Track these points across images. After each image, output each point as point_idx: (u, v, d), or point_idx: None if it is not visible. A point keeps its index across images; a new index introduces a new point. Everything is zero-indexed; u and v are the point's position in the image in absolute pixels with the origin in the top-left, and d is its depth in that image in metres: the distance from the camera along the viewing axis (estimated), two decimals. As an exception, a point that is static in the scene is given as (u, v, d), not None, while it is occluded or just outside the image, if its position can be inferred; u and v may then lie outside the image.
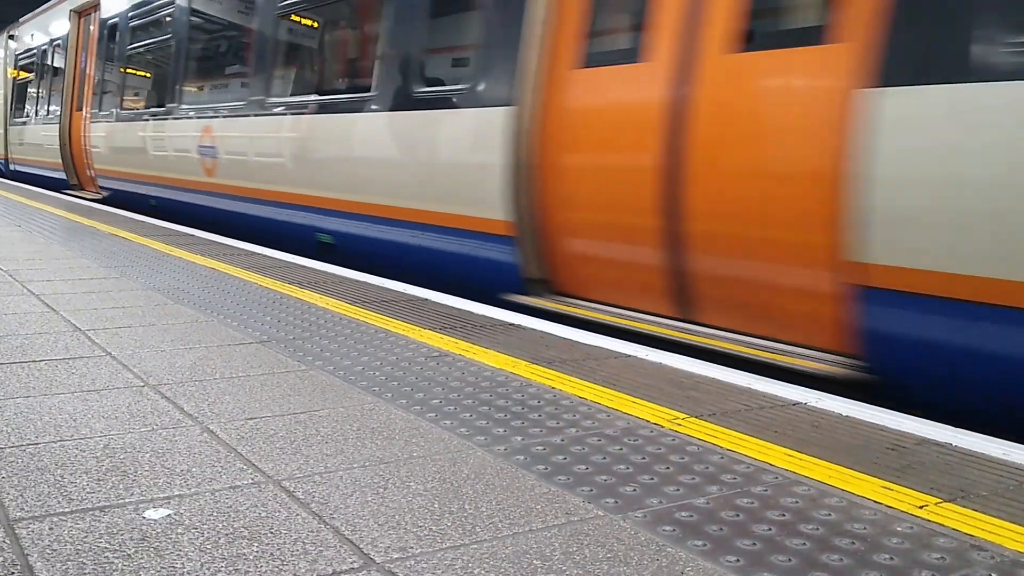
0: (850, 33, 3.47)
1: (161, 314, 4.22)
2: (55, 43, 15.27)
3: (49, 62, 15.61)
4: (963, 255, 3.06)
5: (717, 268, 4.00)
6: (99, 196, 12.41)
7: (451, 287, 5.23)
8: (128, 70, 11.45)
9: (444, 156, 5.47)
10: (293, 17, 7.61)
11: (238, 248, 6.97)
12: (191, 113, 9.36)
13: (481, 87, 5.11)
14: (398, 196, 5.82)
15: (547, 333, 3.98)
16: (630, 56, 4.42)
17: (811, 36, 3.70)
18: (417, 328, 4.01)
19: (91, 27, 13.29)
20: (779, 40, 3.99)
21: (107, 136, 11.89)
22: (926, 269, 3.17)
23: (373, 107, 6.13)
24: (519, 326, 4.11)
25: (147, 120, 10.52)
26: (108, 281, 5.16)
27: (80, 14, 13.92)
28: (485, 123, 5.01)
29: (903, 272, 3.24)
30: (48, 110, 15.36)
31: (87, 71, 13.29)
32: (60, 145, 14.15)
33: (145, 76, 11.38)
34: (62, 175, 14.23)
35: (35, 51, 16.72)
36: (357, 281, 5.37)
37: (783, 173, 3.70)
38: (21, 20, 18.13)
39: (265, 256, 6.50)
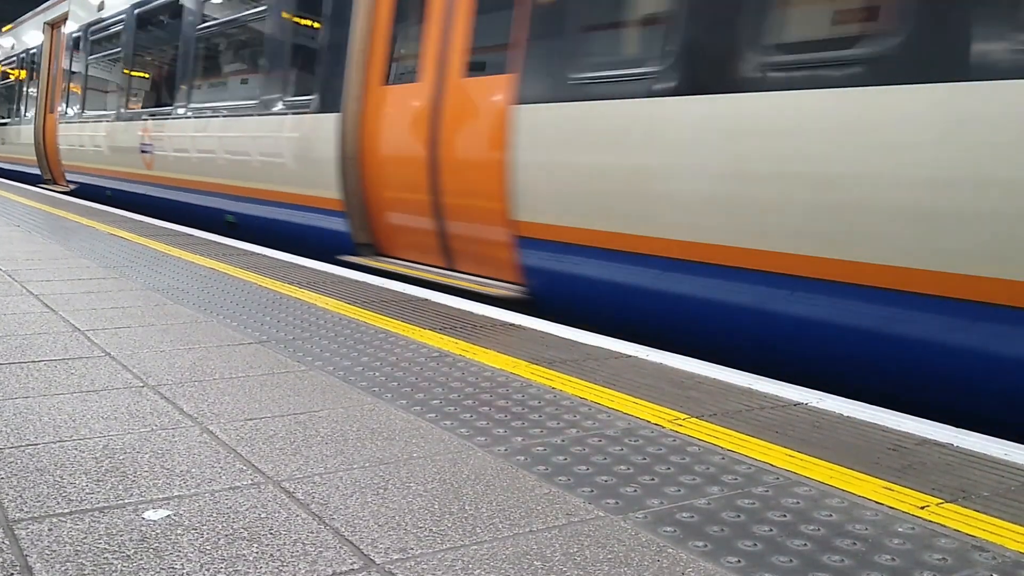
0: (511, 67, 5.12)
1: (160, 314, 4.22)
2: (31, 51, 17.12)
3: (27, 68, 17.56)
4: (568, 213, 4.71)
5: (456, 230, 5.72)
6: (67, 189, 14.17)
7: (312, 252, 6.92)
8: (88, 78, 13.54)
9: (299, 150, 7.24)
10: (202, 42, 9.65)
11: (237, 248, 6.97)
12: (133, 116, 11.19)
13: (322, 98, 6.91)
14: (274, 182, 7.62)
15: (547, 333, 3.97)
16: (411, 77, 6.16)
17: (497, 68, 5.41)
18: (417, 328, 4.01)
19: (60, 39, 15.00)
20: (482, 70, 5.66)
21: (72, 136, 13.63)
22: (549, 224, 4.83)
23: (256, 112, 8.01)
24: (519, 326, 4.11)
25: (102, 122, 12.32)
26: (107, 281, 5.15)
27: (52, 26, 15.73)
28: (324, 125, 6.78)
29: (536, 226, 4.92)
30: (26, 112, 17.30)
31: (58, 77, 15.18)
32: (35, 144, 15.95)
33: (101, 83, 12.98)
34: (37, 171, 16.04)
35: (14, 58, 18.71)
36: (357, 281, 5.37)
37: (481, 161, 5.37)
38: (3, 29, 19.39)
39: (264, 256, 6.49)
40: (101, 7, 12.65)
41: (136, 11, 11.29)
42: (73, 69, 13.90)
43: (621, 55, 4.84)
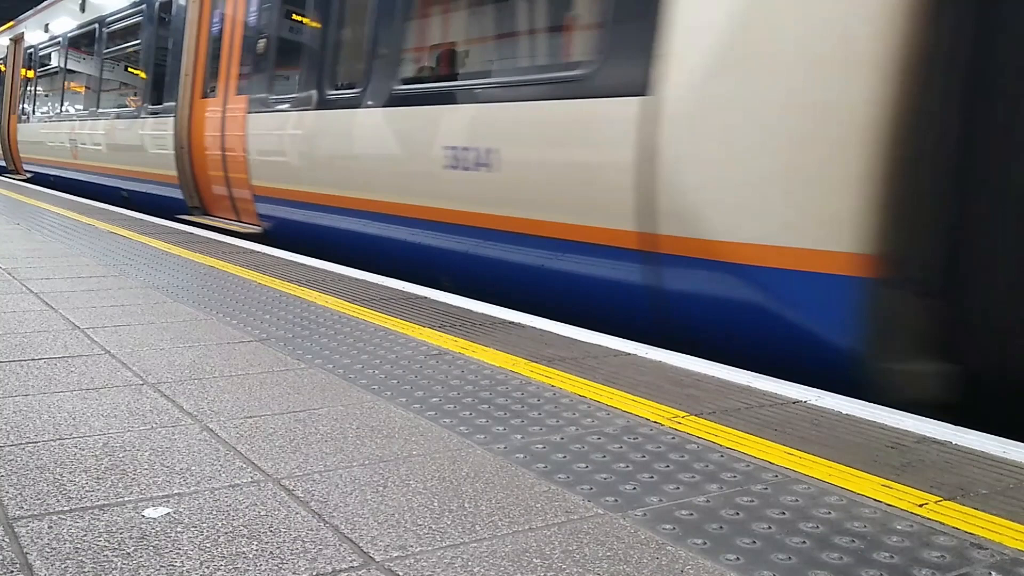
0: (247, 90, 8.44)
1: (160, 312, 4.22)
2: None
3: None
4: (274, 179, 7.70)
5: (237, 195, 8.55)
6: (25, 177, 17.72)
7: (166, 213, 9.85)
8: (39, 85, 17.93)
9: (155, 144, 10.46)
10: (106, 62, 13.51)
11: (237, 246, 6.97)
12: (65, 117, 15.22)
13: (165, 103, 10.26)
14: (148, 166, 10.78)
15: (546, 331, 3.98)
16: (213, 94, 9.18)
17: (245, 90, 8.55)
18: (416, 326, 4.01)
19: (19, 53, 18.46)
20: (239, 91, 8.60)
21: (28, 134, 17.61)
22: (265, 185, 7.88)
23: (134, 114, 11.42)
24: (519, 324, 4.11)
25: (45, 121, 16.50)
26: (107, 279, 5.15)
27: (15, 41, 19.36)
28: (166, 125, 9.98)
29: (260, 187, 7.96)
30: None
31: (17, 85, 19.41)
32: (0, 141, 19.23)
33: (47, 89, 17.13)
34: (2, 163, 19.90)
35: None
36: (356, 279, 5.37)
37: (240, 149, 8.22)
38: None
39: (264, 254, 6.49)
40: (46, 30, 16.69)
41: (68, 36, 15.33)
42: (28, 78, 17.85)
43: (286, 88, 7.84)
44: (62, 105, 15.48)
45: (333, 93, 6.84)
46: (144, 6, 11.63)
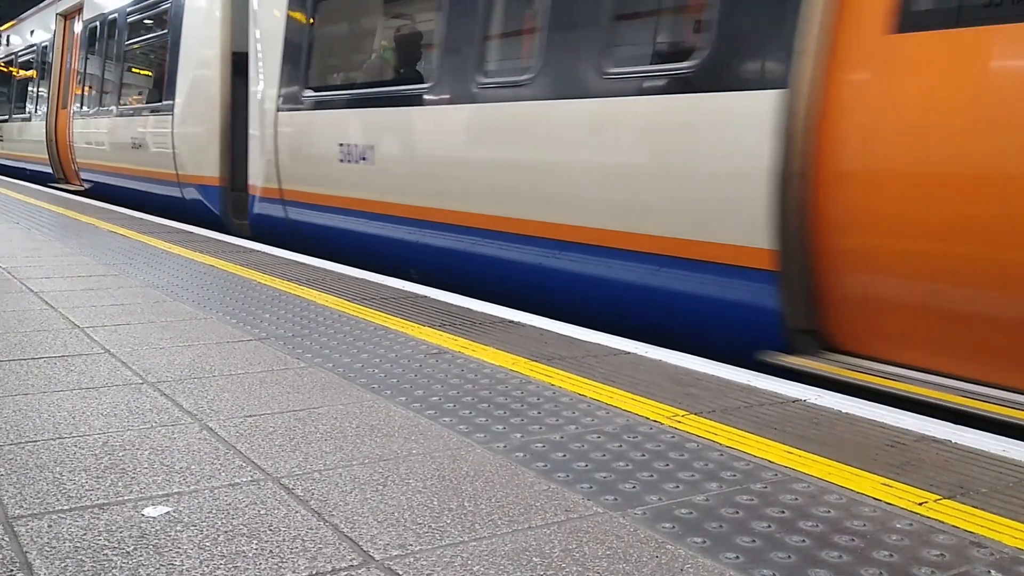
0: (70, 104, 14.38)
1: (160, 311, 4.22)
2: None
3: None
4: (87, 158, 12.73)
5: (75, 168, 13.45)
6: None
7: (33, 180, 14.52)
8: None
9: (44, 140, 14.88)
10: (18, 73, 18.51)
11: (237, 245, 6.97)
12: (2, 118, 19.40)
13: (45, 112, 14.93)
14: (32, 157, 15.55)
15: (546, 330, 3.97)
16: (64, 104, 14.35)
17: (66, 104, 14.53)
18: (416, 325, 4.01)
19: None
20: (65, 106, 14.37)
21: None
22: (80, 161, 13.39)
23: (39, 118, 15.59)
24: (519, 323, 4.11)
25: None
26: (107, 278, 5.15)
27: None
28: (42, 126, 14.41)
29: (82, 163, 13.13)
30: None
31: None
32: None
33: (3, 94, 20.18)
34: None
35: None
36: (356, 278, 5.37)
37: (67, 145, 13.77)
38: None
39: (264, 253, 6.49)
40: None
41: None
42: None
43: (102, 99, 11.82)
44: (6, 108, 17.21)
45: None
46: None
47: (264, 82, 7.66)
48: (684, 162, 4.07)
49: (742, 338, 3.87)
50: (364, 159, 6.35)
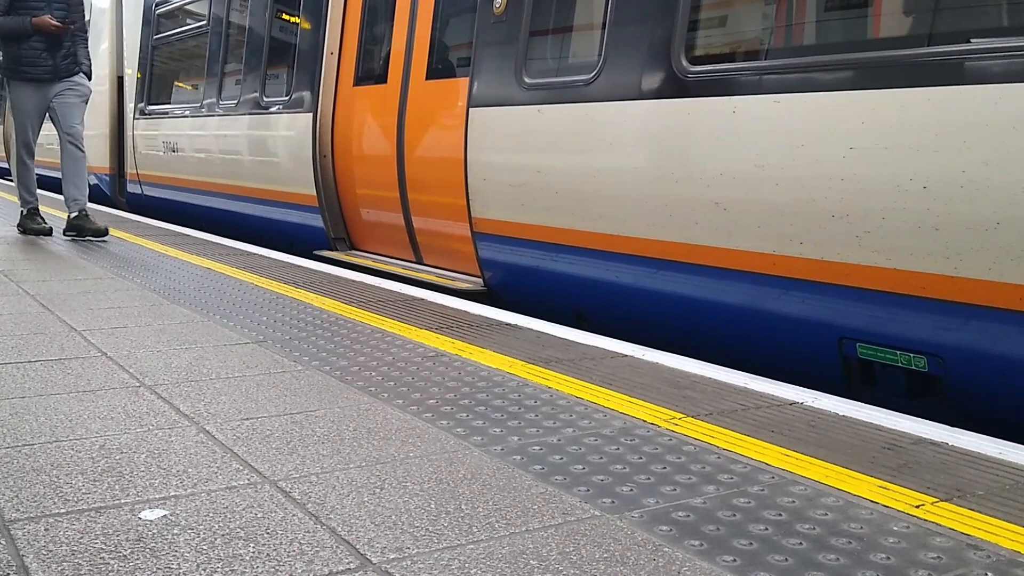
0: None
1: (157, 314, 4.22)
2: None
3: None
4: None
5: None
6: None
7: None
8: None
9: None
10: None
11: (234, 248, 6.97)
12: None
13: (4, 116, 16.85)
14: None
15: (544, 333, 3.98)
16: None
17: None
18: (413, 328, 4.01)
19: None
20: None
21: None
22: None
23: None
24: (516, 326, 4.11)
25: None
26: (104, 281, 5.15)
27: None
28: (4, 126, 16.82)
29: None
30: None
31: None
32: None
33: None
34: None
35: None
36: (353, 281, 5.37)
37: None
38: None
39: (261, 256, 6.49)
40: None
41: None
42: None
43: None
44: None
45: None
46: None
47: (130, 98, 11.49)
48: (273, 148, 7.85)
49: (308, 242, 7.26)
50: (175, 151, 10.00)
